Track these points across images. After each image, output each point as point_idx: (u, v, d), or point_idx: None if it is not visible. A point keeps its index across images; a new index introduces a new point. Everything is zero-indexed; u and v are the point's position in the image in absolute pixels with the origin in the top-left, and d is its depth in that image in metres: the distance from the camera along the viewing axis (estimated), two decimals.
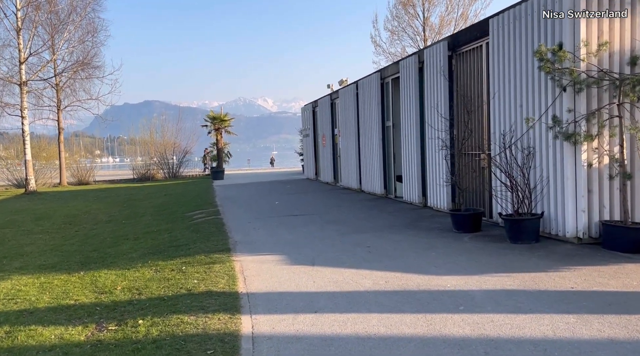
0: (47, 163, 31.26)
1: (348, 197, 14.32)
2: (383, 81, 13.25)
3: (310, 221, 10.11)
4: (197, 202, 15.46)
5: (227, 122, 28.50)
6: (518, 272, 5.44)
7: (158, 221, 12.08)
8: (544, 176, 6.91)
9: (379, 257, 6.65)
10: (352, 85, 15.54)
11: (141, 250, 8.44)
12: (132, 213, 14.28)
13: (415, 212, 10.45)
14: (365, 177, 14.75)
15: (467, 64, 9.21)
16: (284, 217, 10.85)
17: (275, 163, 52.17)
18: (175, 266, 6.80)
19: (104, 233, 11.08)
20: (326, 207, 12.36)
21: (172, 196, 18.51)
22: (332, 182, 18.79)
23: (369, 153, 14.21)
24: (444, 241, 7.38)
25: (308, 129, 22.62)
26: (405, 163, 11.74)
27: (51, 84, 26.02)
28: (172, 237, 9.35)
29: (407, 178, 11.67)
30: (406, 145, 11.63)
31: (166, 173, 32.04)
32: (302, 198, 14.59)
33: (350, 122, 15.69)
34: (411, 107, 11.24)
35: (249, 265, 6.54)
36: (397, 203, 12.05)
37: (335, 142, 18.38)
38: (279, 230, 9.27)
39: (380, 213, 10.63)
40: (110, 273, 6.82)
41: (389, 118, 13.08)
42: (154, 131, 34.59)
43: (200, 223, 10.75)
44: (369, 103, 13.97)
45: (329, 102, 18.57)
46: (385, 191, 13.47)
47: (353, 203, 12.70)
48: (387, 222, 9.41)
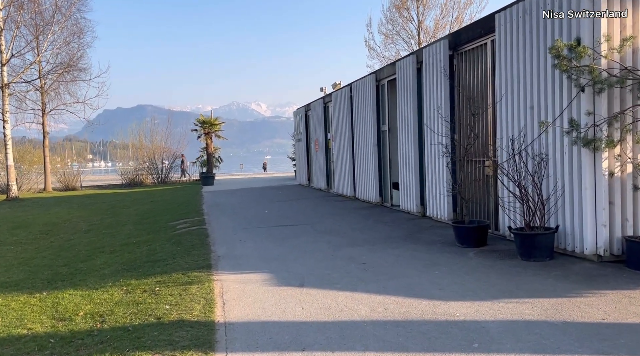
0: (31, 168, 30.38)
1: (342, 204, 13.62)
2: (379, 83, 12.59)
3: (301, 232, 9.40)
4: (183, 210, 14.71)
5: (217, 126, 27.75)
6: (536, 297, 4.76)
7: (139, 231, 11.33)
8: (559, 186, 6.25)
9: (376, 275, 5.95)
10: (346, 88, 14.88)
11: (115, 266, 7.70)
12: (114, 222, 13.52)
13: (414, 223, 9.76)
14: (359, 183, 14.07)
15: (470, 64, 8.56)
16: (274, 228, 10.13)
17: (268, 168, 51.47)
18: (149, 286, 6.07)
19: (80, 245, 10.32)
20: (318, 215, 11.66)
21: (158, 203, 17.74)
22: (325, 188, 18.10)
23: (363, 159, 13.53)
24: (447, 257, 6.69)
25: (300, 134, 21.93)
26: (402, 170, 11.07)
27: (35, 87, 25.18)
28: (150, 250, 8.61)
29: (404, 186, 10.99)
30: (403, 150, 10.96)
31: (155, 179, 31.22)
32: (294, 206, 13.89)
33: (344, 126, 15.01)
34: (409, 111, 10.58)
35: (230, 286, 5.81)
36: (394, 213, 11.36)
37: (328, 147, 17.70)
38: (267, 242, 8.56)
39: (376, 224, 9.93)
40: (75, 294, 6.08)
41: (384, 123, 12.41)
42: (143, 135, 33.79)
43: (183, 234, 10.01)
44: (363, 107, 13.31)
45: (322, 106, 17.91)
46: (380, 199, 12.78)
47: (347, 212, 12.00)
48: (384, 234, 8.71)
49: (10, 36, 21.84)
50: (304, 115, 21.08)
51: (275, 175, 36.09)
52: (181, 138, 33.67)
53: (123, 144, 35.66)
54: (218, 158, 31.35)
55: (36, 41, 23.92)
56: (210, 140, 27.73)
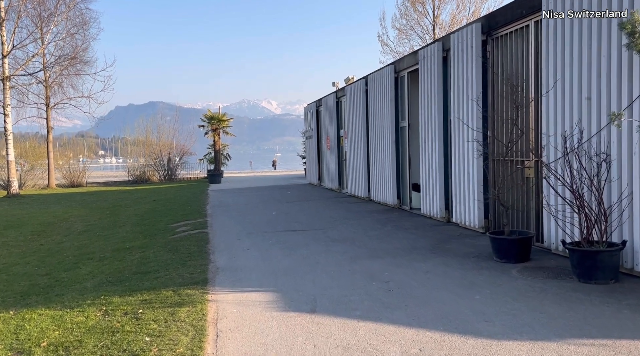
0: (36, 164, 29.69)
1: (356, 207, 12.59)
2: (397, 75, 11.53)
3: (312, 238, 8.40)
4: (186, 210, 13.78)
5: (225, 122, 26.80)
6: (616, 338, 3.71)
7: (135, 234, 10.40)
8: (626, 192, 5.18)
9: (403, 299, 4.93)
10: (361, 81, 13.83)
11: (100, 277, 6.75)
12: (112, 223, 12.62)
13: (438, 230, 8.71)
14: (375, 184, 13.03)
15: (507, 50, 7.48)
16: (282, 233, 9.14)
17: (278, 166, 50.52)
18: (132, 306, 5.11)
19: (69, 249, 9.40)
20: (331, 219, 10.64)
21: (161, 202, 16.83)
22: (337, 188, 17.07)
23: (379, 157, 12.48)
24: (486, 275, 5.65)
25: (311, 130, 20.92)
26: (424, 170, 10.01)
27: (38, 79, 24.39)
28: (143, 258, 7.66)
29: (427, 188, 9.94)
30: (426, 148, 9.91)
31: (162, 176, 30.39)
32: (304, 208, 12.88)
33: (359, 122, 13.98)
34: (433, 105, 9.52)
35: (227, 310, 4.82)
36: (414, 217, 10.31)
37: (340, 144, 16.66)
38: (274, 251, 7.56)
39: (396, 230, 8.89)
40: (45, 315, 5.12)
41: (404, 118, 11.36)
42: (150, 131, 32.95)
43: (182, 239, 9.06)
44: (380, 101, 12.26)
45: (334, 101, 16.87)
46: (398, 201, 11.73)
47: (362, 216, 10.97)
48: (407, 243, 7.68)
49: (11, 27, 21.06)
50: (315, 111, 20.07)
51: (285, 173, 35.12)
52: (188, 135, 32.82)
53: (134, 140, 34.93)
54: (226, 156, 30.42)
55: (40, 32, 23.11)
56: (217, 137, 26.80)
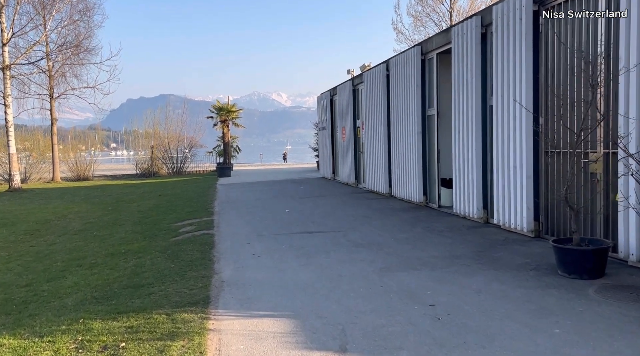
0: (43, 157, 28.91)
1: (376, 204, 11.47)
2: (425, 57, 10.34)
3: (331, 242, 7.31)
4: (192, 207, 12.76)
5: (234, 113, 25.70)
6: None
7: (135, 234, 9.40)
8: None
9: (458, 331, 3.82)
10: (382, 65, 12.65)
11: (85, 291, 5.74)
12: (112, 221, 11.63)
13: (478, 233, 7.56)
14: (397, 179, 11.88)
15: (566, 22, 6.28)
16: (296, 235, 8.06)
17: (289, 159, 49.46)
18: (114, 336, 4.06)
19: (60, 252, 8.42)
20: (351, 219, 9.53)
21: (167, 197, 15.83)
22: (353, 183, 15.94)
23: (403, 149, 11.33)
24: (556, 296, 4.51)
25: (325, 121, 19.77)
26: (458, 164, 8.86)
27: (41, 69, 23.45)
28: (138, 266, 6.63)
29: (461, 184, 8.78)
30: (459, 139, 8.74)
31: (170, 169, 29.47)
32: (319, 205, 11.79)
33: (379, 111, 12.82)
34: (469, 89, 8.34)
35: (232, 346, 3.76)
36: (446, 217, 9.16)
37: (357, 135, 15.52)
38: (288, 258, 6.49)
39: (429, 233, 7.76)
40: (6, 347, 4.10)
41: (432, 105, 10.18)
42: (158, 123, 31.99)
43: (184, 242, 8.02)
44: (404, 87, 11.08)
45: (351, 89, 15.70)
46: (425, 198, 10.58)
47: (385, 215, 9.85)
48: (444, 250, 6.55)
49: (11, 13, 20.11)
50: (329, 101, 18.91)
51: (296, 166, 34.04)
52: (197, 126, 31.83)
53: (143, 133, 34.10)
54: (236, 148, 29.38)
55: (43, 19, 22.14)
56: (227, 129, 25.73)
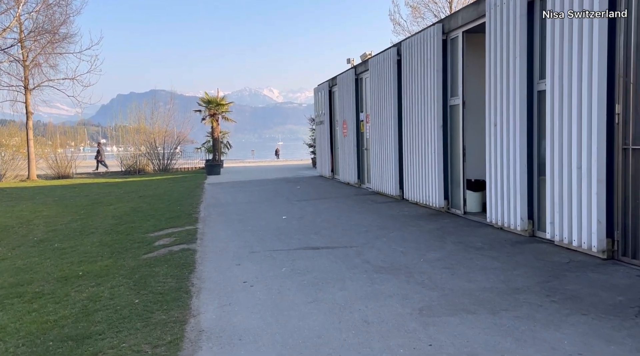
0: (18, 154, 27.02)
1: (387, 209, 9.91)
2: (447, 37, 8.77)
3: (344, 265, 5.75)
4: (174, 212, 11.14)
5: (224, 106, 23.97)
6: None
7: (102, 248, 7.78)
8: None
9: None
10: (391, 49, 11.05)
11: (7, 344, 4.12)
12: (81, 228, 9.98)
13: (530, 252, 6.01)
14: (410, 180, 10.32)
15: None
16: (298, 252, 6.49)
17: (281, 155, 47.78)
18: None
19: (4, 273, 6.75)
20: (361, 229, 7.97)
21: (148, 199, 14.18)
22: (356, 183, 14.37)
23: (418, 146, 9.77)
24: None
25: (322, 115, 18.16)
26: (493, 163, 7.31)
27: (13, 57, 21.60)
28: (91, 301, 5.02)
29: (497, 188, 7.24)
30: (496, 133, 7.19)
31: (156, 166, 27.75)
32: (321, 210, 10.20)
33: (387, 102, 11.24)
34: (510, 72, 6.79)
35: None
36: (477, 228, 7.61)
37: (361, 130, 13.95)
38: (290, 290, 4.91)
39: (464, 251, 6.20)
40: None
41: (456, 93, 8.63)
42: (144, 118, 30.23)
43: (158, 262, 6.42)
44: (420, 73, 9.52)
45: (353, 78, 14.11)
46: (446, 203, 9.03)
47: (402, 224, 8.28)
48: (497, 278, 5.00)
49: None
50: (328, 92, 17.30)
51: (290, 163, 32.43)
52: (185, 121, 30.15)
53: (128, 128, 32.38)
54: (226, 144, 27.70)
55: (15, 2, 20.30)
56: (216, 123, 24.01)
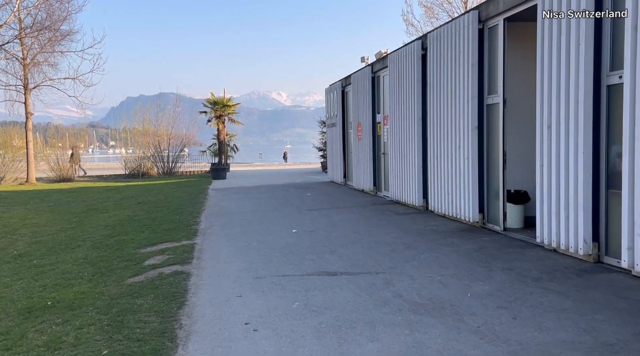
0: (19, 156, 26.13)
1: (411, 223, 8.73)
2: (484, 25, 7.62)
3: (371, 299, 4.60)
4: (173, 222, 10.05)
5: (231, 107, 22.90)
6: None
7: (84, 267, 6.69)
8: None
9: None
10: (415, 43, 9.91)
11: None
12: (67, 240, 8.91)
13: (604, 284, 4.81)
14: (436, 189, 9.15)
15: None
16: (312, 279, 5.35)
17: (289, 159, 46.74)
18: None
19: None
20: (386, 248, 6.79)
21: (147, 206, 13.11)
22: (371, 190, 13.22)
23: (447, 150, 8.62)
24: None
25: (334, 117, 17.04)
26: (547, 172, 6.13)
27: (11, 54, 20.68)
28: (46, 349, 3.90)
29: (551, 202, 6.05)
30: (552, 136, 6.01)
31: (160, 169, 26.76)
32: (335, 223, 9.06)
33: (410, 101, 10.10)
34: (569, 63, 5.62)
35: None
36: (526, 249, 6.41)
37: (377, 133, 12.81)
38: (305, 339, 3.76)
39: (521, 283, 5.01)
40: None
41: (494, 91, 7.47)
42: (148, 120, 29.27)
43: (144, 290, 5.30)
44: (451, 68, 8.37)
45: (369, 76, 12.98)
46: (480, 217, 7.85)
47: (433, 242, 7.09)
48: (577, 328, 3.81)
49: None
50: (340, 93, 16.18)
51: (298, 167, 31.32)
52: (191, 123, 29.19)
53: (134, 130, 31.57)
54: (233, 147, 26.63)
55: None
56: (222, 125, 22.95)
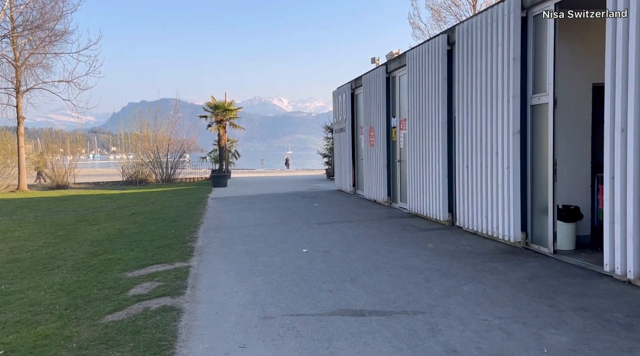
0: (11, 162, 25.10)
1: (438, 241, 7.63)
2: (527, 13, 6.56)
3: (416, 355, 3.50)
4: (167, 237, 8.97)
5: (232, 112, 21.86)
6: None
7: (57, 296, 5.61)
8: None
9: None
10: (439, 37, 8.85)
11: None
12: (47, 259, 7.82)
13: None
14: (465, 201, 8.06)
15: None
16: (333, 322, 4.25)
17: (291, 165, 45.65)
18: None
19: None
20: (417, 275, 5.69)
21: (141, 217, 12.03)
22: (385, 201, 12.13)
23: (479, 157, 7.53)
24: None
25: (343, 121, 15.98)
26: (618, 185, 5.04)
27: (2, 55, 19.70)
28: None
29: (629, 223, 4.95)
30: (624, 140, 4.94)
31: (159, 175, 25.72)
32: (350, 240, 7.96)
33: (433, 103, 9.03)
34: None
35: None
36: (587, 278, 5.31)
37: (392, 138, 11.74)
38: None
39: (605, 329, 3.92)
40: None
41: (541, 89, 6.39)
42: (147, 125, 28.26)
43: (120, 336, 4.20)
44: (485, 63, 7.30)
45: (383, 77, 11.93)
46: (523, 236, 6.74)
47: (472, 268, 5.98)
48: None
49: None
50: (350, 96, 15.14)
51: (301, 173, 30.25)
52: (191, 128, 28.20)
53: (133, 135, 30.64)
54: (234, 153, 25.58)
55: None
56: (223, 130, 21.91)
